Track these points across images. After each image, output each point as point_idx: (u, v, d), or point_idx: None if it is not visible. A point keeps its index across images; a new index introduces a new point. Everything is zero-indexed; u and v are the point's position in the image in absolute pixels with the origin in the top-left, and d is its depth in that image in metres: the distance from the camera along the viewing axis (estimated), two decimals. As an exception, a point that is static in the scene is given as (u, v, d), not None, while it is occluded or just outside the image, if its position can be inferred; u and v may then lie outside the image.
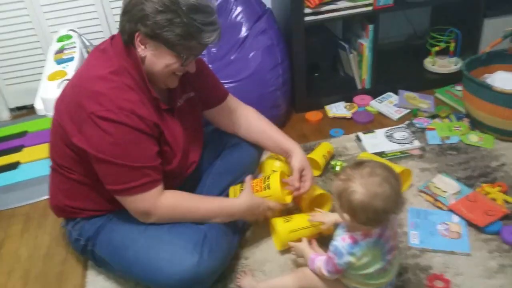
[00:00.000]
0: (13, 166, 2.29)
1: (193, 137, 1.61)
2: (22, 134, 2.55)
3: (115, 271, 1.56)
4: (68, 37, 2.41)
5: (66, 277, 1.68)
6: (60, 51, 2.28)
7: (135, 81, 1.36)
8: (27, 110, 2.83)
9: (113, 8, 2.54)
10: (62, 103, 1.41)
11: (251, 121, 1.74)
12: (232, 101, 1.74)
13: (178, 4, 1.26)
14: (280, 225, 1.60)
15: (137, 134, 1.33)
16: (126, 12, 1.32)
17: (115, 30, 2.58)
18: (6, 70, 2.67)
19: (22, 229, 1.93)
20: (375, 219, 1.22)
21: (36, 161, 2.29)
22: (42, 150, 2.34)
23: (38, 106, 1.96)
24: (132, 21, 1.30)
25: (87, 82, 1.35)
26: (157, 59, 1.35)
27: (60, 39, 2.40)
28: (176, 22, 1.27)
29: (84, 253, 1.59)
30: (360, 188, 1.19)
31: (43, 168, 2.21)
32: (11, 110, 2.82)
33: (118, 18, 2.48)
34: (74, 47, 2.29)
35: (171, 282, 1.36)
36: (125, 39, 1.35)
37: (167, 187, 1.45)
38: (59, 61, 2.17)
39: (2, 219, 2.00)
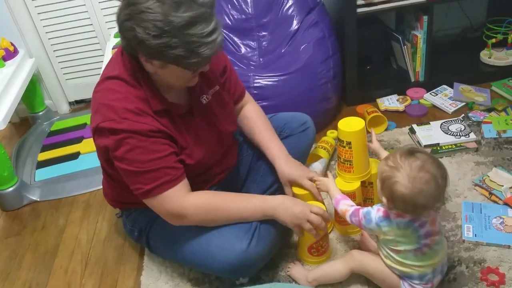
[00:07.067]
0: (74, 156, 2.40)
1: (225, 131, 1.55)
2: (82, 126, 2.66)
3: (169, 258, 1.61)
4: (125, 32, 2.48)
5: (125, 261, 1.75)
6: (118, 46, 2.35)
7: (143, 93, 1.32)
8: (85, 104, 2.95)
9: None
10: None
11: (253, 121, 1.67)
12: (248, 98, 1.70)
13: (171, 23, 1.12)
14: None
15: (142, 138, 1.29)
16: (122, 34, 1.22)
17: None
18: (65, 65, 2.79)
19: (82, 215, 2.02)
20: (412, 211, 1.23)
21: (95, 152, 2.36)
22: (101, 141, 2.45)
23: (98, 98, 2.04)
24: (130, 44, 1.22)
25: (99, 91, 1.35)
26: (167, 74, 1.28)
27: (117, 35, 2.48)
28: (173, 43, 1.15)
29: (139, 241, 1.64)
30: (406, 181, 1.19)
31: (102, 158, 2.30)
32: (70, 103, 2.95)
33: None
34: (131, 42, 2.36)
35: (222, 266, 1.39)
36: (129, 53, 1.28)
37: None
38: (117, 56, 2.23)
39: (64, 206, 2.10)
